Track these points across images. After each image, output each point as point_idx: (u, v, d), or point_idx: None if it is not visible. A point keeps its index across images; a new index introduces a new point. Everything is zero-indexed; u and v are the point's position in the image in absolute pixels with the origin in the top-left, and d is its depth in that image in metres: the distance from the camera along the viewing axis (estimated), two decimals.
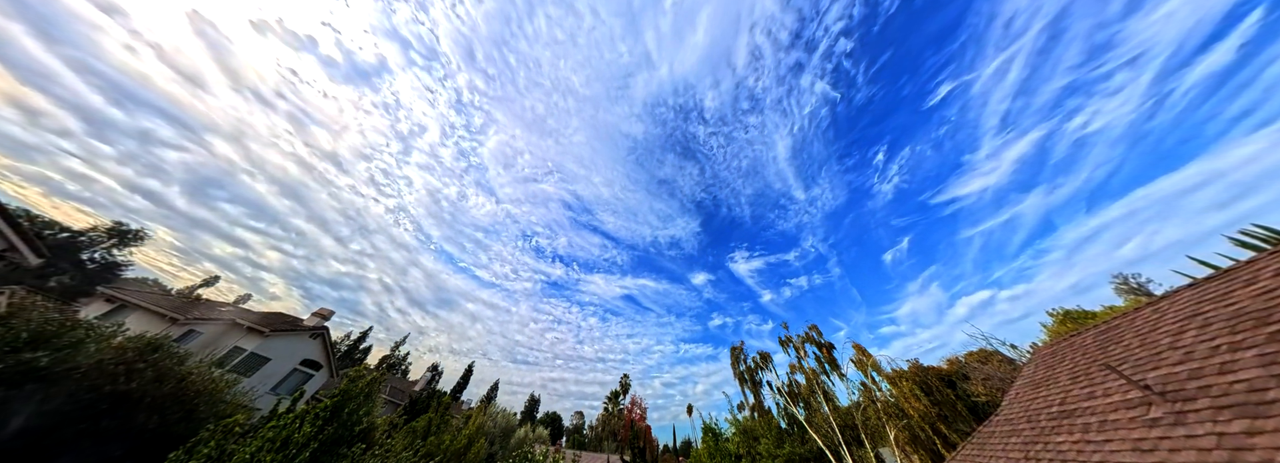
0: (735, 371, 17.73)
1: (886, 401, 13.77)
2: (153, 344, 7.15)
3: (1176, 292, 4.34)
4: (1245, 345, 2.86)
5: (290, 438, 4.50)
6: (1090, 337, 5.27)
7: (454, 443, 10.50)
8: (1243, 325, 3.04)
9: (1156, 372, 3.38)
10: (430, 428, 10.67)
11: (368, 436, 6.46)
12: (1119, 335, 4.55)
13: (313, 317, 16.84)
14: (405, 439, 9.28)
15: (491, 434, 19.83)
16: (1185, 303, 3.97)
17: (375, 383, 6.01)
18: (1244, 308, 3.17)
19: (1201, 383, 2.91)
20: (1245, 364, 2.73)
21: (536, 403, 49.54)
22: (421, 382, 25.38)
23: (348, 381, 5.74)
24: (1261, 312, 2.99)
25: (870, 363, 14.53)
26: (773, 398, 16.69)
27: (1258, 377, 2.58)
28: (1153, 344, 3.80)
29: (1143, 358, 3.74)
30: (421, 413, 13.14)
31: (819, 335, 16.02)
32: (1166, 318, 4.01)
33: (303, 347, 15.68)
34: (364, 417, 5.52)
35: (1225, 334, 3.12)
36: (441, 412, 11.00)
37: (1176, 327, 3.71)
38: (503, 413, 21.15)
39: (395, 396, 22.07)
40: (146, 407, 6.46)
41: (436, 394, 16.53)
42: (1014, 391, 5.77)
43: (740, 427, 16.43)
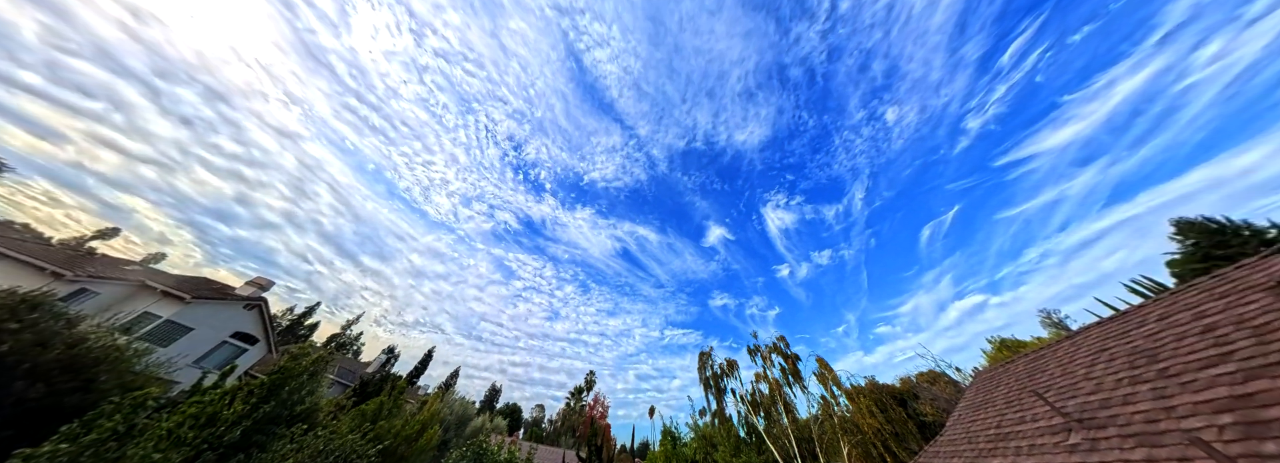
0: (701, 376, 18.11)
1: (843, 416, 14.42)
2: (29, 302, 6.19)
3: (1088, 328, 4.85)
4: (1141, 380, 3.21)
5: (218, 415, 4.22)
6: (1022, 364, 5.71)
7: (406, 429, 10.21)
8: (1139, 362, 3.43)
9: (1074, 400, 3.72)
10: (381, 412, 10.35)
11: (311, 416, 6.19)
12: (1044, 365, 4.97)
13: (248, 286, 15.68)
14: (353, 422, 8.97)
15: (447, 422, 19.49)
16: (1095, 339, 4.44)
17: (321, 362, 5.73)
18: (1139, 347, 3.60)
19: (1110, 413, 3.21)
20: (1142, 396, 3.06)
21: (497, 393, 49.10)
22: (375, 364, 24.60)
23: (289, 358, 5.44)
24: (1152, 350, 3.41)
25: (831, 378, 15.17)
26: (735, 406, 17.17)
27: (1152, 409, 2.90)
28: (1071, 374, 4.17)
29: (1064, 387, 4.10)
30: (373, 396, 12.70)
31: (786, 346, 16.57)
32: (1081, 351, 4.45)
33: (235, 318, 14.55)
34: (307, 397, 5.26)
35: (1126, 369, 3.50)
36: (395, 396, 10.68)
37: (1089, 359, 4.12)
38: (461, 401, 20.82)
39: (345, 376, 21.28)
40: (26, 374, 5.71)
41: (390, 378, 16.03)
42: (957, 412, 6.18)
43: (700, 432, 16.82)
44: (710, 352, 18.57)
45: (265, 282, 15.86)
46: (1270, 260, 3.33)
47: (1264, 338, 2.66)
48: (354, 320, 44.55)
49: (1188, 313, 3.55)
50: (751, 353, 17.23)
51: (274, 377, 4.95)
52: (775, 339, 17.00)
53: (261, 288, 15.66)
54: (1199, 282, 3.89)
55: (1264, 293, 3.00)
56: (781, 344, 16.80)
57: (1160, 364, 3.20)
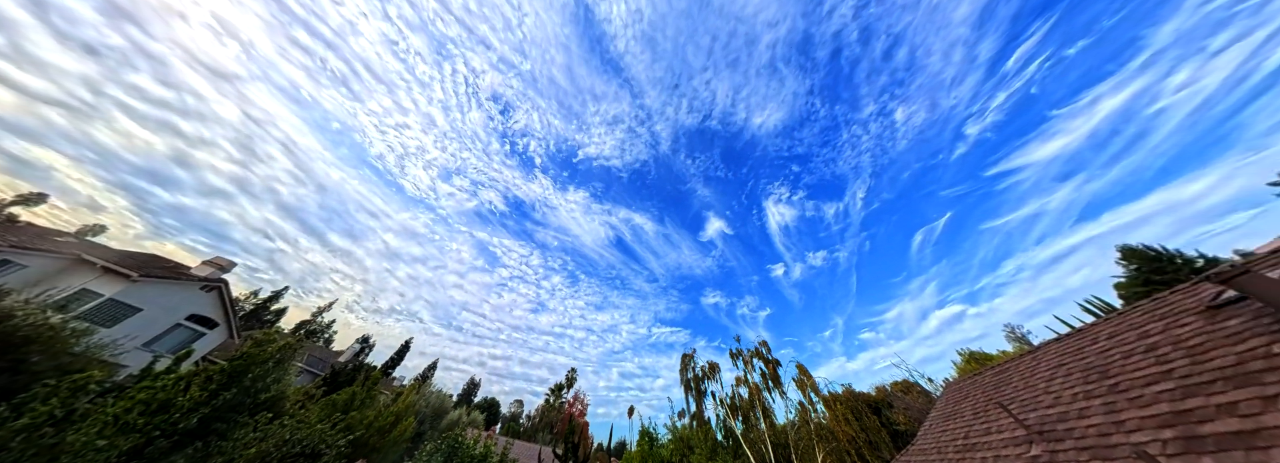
0: (683, 378, 18.22)
1: (819, 423, 14.70)
2: None
3: (1047, 343, 5.09)
4: (1094, 395, 3.40)
5: (172, 401, 4.03)
6: (988, 377, 5.92)
7: (380, 420, 9.98)
8: (1092, 377, 3.63)
9: (1035, 413, 3.89)
10: (353, 402, 10.09)
11: (277, 405, 5.97)
12: (1009, 378, 5.18)
13: (205, 266, 14.83)
14: (323, 411, 8.72)
15: (423, 414, 19.15)
16: (1053, 354, 4.67)
17: (289, 349, 5.54)
18: (1092, 363, 3.81)
19: (1067, 426, 3.37)
20: (1095, 411, 3.23)
21: (475, 387, 48.40)
22: (347, 353, 23.95)
23: (253, 343, 5.25)
24: (1103, 366, 3.62)
25: (810, 384, 15.45)
26: (714, 409, 17.32)
27: (1104, 422, 3.05)
28: (1033, 388, 4.37)
29: (1026, 400, 4.28)
30: (345, 386, 12.37)
31: (768, 351, 16.82)
32: (1041, 366, 4.66)
33: (191, 300, 13.81)
34: (273, 385, 5.08)
35: (1081, 383, 3.69)
36: (368, 386, 10.42)
37: (1049, 374, 4.33)
38: (438, 394, 20.48)
39: (315, 365, 20.65)
40: None
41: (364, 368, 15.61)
42: (928, 422, 6.38)
43: (677, 434, 16.90)
44: (693, 354, 18.71)
45: (225, 262, 15.04)
46: (1200, 287, 3.59)
47: (1197, 358, 2.85)
48: (325, 308, 42.99)
49: (1133, 333, 3.77)
50: (733, 357, 17.42)
51: (236, 363, 4.77)
52: (758, 344, 17.23)
53: (221, 269, 14.88)
54: (1142, 304, 4.14)
55: (1196, 316, 3.24)
56: (763, 349, 17.03)
57: (1110, 380, 3.39)
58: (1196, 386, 2.66)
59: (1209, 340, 2.91)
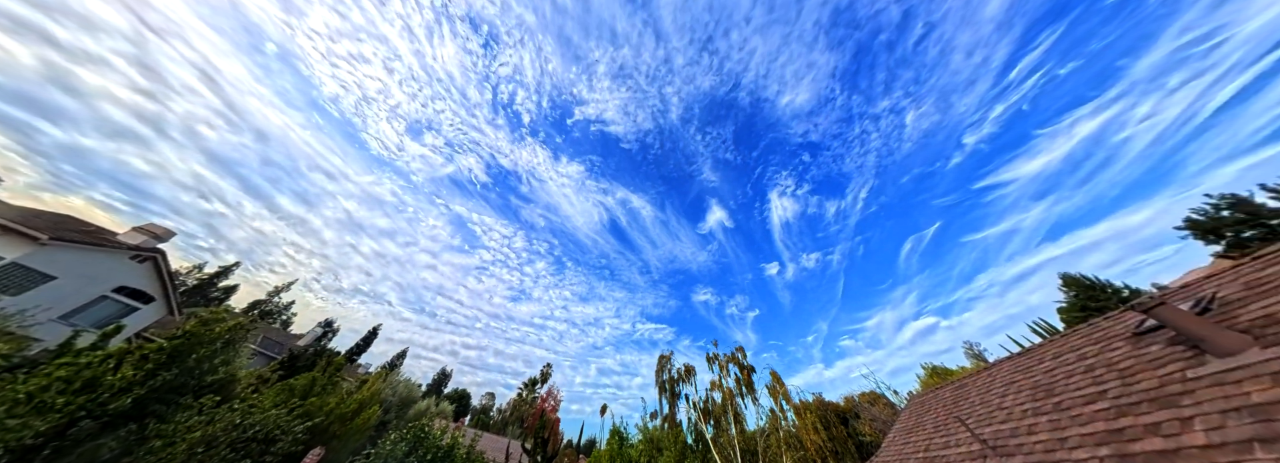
0: (658, 379, 18.36)
1: (788, 431, 15.07)
2: None
3: (1001, 361, 5.38)
4: (1041, 412, 3.59)
5: (99, 380, 3.73)
6: (949, 391, 6.17)
7: (341, 407, 9.63)
8: (1039, 395, 3.85)
9: (990, 427, 4.07)
10: (313, 388, 9.68)
11: (226, 388, 5.65)
12: (967, 393, 5.42)
13: (136, 233, 13.31)
14: (278, 396, 8.33)
15: (389, 403, 18.60)
16: (1006, 372, 4.92)
17: (240, 330, 5.23)
18: (1039, 382, 4.05)
19: (1018, 441, 3.54)
20: (1042, 427, 3.41)
21: (446, 377, 47.40)
22: (308, 337, 22.97)
23: (198, 322, 4.94)
24: (1049, 385, 3.85)
25: (782, 391, 15.82)
26: (687, 412, 17.51)
27: (1050, 439, 3.22)
28: (988, 404, 4.58)
29: (982, 415, 4.48)
30: (304, 371, 11.83)
31: (743, 357, 17.14)
32: (996, 382, 4.91)
33: (119, 270, 12.44)
34: (221, 366, 4.79)
35: (1030, 400, 3.90)
36: (330, 372, 10.02)
37: (1002, 390, 4.56)
38: (406, 383, 19.93)
39: (271, 348, 19.73)
40: None
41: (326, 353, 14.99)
42: (892, 433, 6.59)
43: (647, 435, 17.02)
44: (670, 355, 18.89)
45: (160, 230, 13.66)
46: (1127, 314, 3.90)
47: (1127, 380, 3.05)
48: (283, 288, 40.46)
49: (1073, 354, 4.02)
50: (710, 361, 17.65)
51: (177, 342, 4.47)
52: (735, 349, 17.53)
53: (156, 237, 13.49)
54: (1080, 328, 4.43)
55: (1124, 342, 3.49)
56: (740, 355, 17.34)
57: (1055, 398, 3.60)
58: (1127, 406, 2.85)
59: (1136, 364, 3.13)
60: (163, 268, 13.68)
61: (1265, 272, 3.03)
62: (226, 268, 34.41)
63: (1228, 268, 3.41)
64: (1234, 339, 2.52)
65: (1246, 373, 2.33)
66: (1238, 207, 10.05)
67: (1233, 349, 2.49)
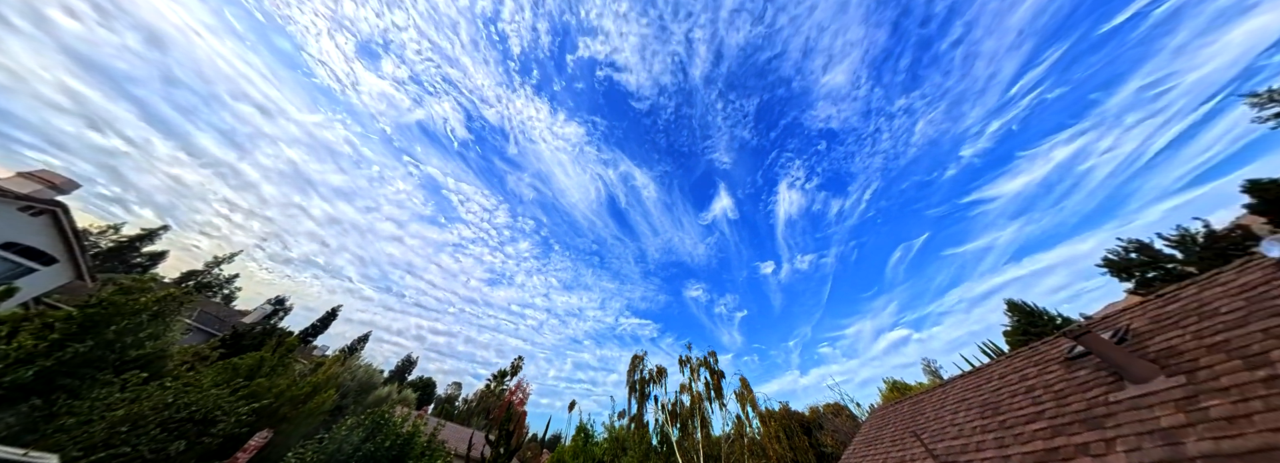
0: (629, 379, 18.45)
1: (753, 438, 15.43)
2: None
3: (954, 379, 5.65)
4: (988, 429, 3.78)
5: None
6: (907, 405, 6.39)
7: (293, 390, 9.24)
8: (987, 413, 4.05)
9: (943, 443, 4.23)
10: (261, 368, 9.24)
11: (154, 364, 5.28)
12: (923, 408, 5.63)
13: (24, 180, 11.14)
14: (220, 375, 7.90)
15: (346, 387, 18.02)
16: (959, 389, 5.15)
17: (171, 302, 4.86)
18: (987, 400, 4.28)
19: (967, 457, 3.68)
20: (989, 445, 3.58)
21: (411, 364, 46.43)
22: (256, 314, 21.84)
23: (118, 291, 4.54)
24: (995, 404, 4.08)
25: (749, 399, 16.16)
26: (655, 414, 17.69)
27: (995, 456, 3.38)
28: (941, 419, 4.78)
29: (936, 430, 4.66)
30: (251, 350, 11.24)
31: (715, 362, 17.43)
32: (949, 399, 5.13)
33: (3, 222, 10.53)
34: (148, 341, 4.44)
35: (979, 418, 4.10)
36: (280, 353, 9.58)
37: (955, 407, 4.78)
38: (366, 368, 19.35)
39: (210, 324, 18.69)
40: None
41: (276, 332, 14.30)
42: (852, 446, 6.77)
43: (613, 434, 17.13)
44: (644, 355, 19.01)
45: (60, 179, 11.66)
46: (1060, 340, 4.19)
47: (1061, 401, 3.26)
48: (224, 259, 36.35)
49: (1016, 375, 4.27)
50: (682, 364, 17.85)
51: (91, 311, 4.10)
52: (707, 354, 17.79)
53: (53, 187, 11.52)
54: (1022, 351, 4.72)
55: (1059, 365, 3.75)
56: (712, 359, 17.61)
57: (1001, 416, 3.80)
58: (1061, 426, 3.03)
59: (1068, 387, 3.35)
60: (65, 224, 11.80)
61: (1166, 308, 3.41)
62: (151, 232, 28.90)
63: (1138, 303, 3.75)
64: (1145, 368, 2.76)
65: (1156, 399, 2.56)
66: (1141, 251, 11.55)
67: (1144, 377, 2.72)
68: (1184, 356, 2.76)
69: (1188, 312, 3.16)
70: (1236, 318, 2.74)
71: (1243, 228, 10.53)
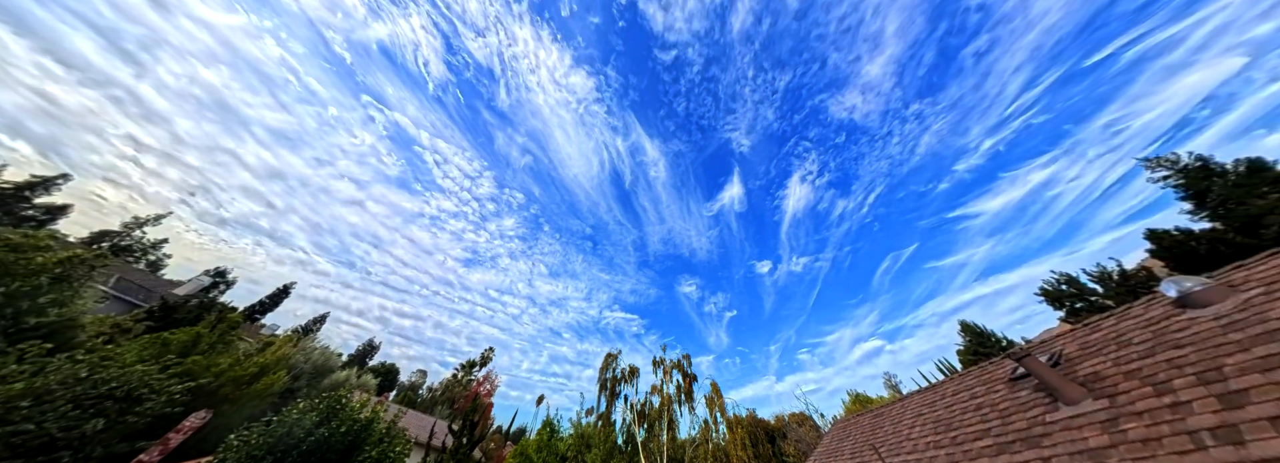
0: (601, 377, 18.50)
1: (718, 443, 15.76)
2: None
3: (911, 395, 5.94)
4: (941, 445, 3.98)
5: None
6: (867, 418, 6.67)
7: (237, 370, 8.79)
8: (940, 429, 4.28)
9: (898, 458, 4.42)
10: (197, 345, 8.74)
11: (62, 334, 4.88)
12: (882, 422, 5.89)
13: None
14: (146, 350, 7.43)
15: (299, 369, 17.37)
16: (915, 405, 5.43)
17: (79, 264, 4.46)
18: (941, 416, 4.53)
19: None
20: (941, 460, 3.78)
21: (373, 349, 45.32)
22: (191, 285, 20.58)
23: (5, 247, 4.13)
24: (948, 419, 4.32)
25: (719, 404, 16.48)
26: (623, 413, 17.83)
27: None
28: (898, 434, 5.01)
29: (893, 444, 4.87)
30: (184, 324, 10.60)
31: (688, 365, 17.66)
32: (907, 414, 5.39)
33: None
34: (50, 308, 4.06)
35: (932, 433, 4.30)
36: (221, 329, 9.10)
37: (911, 422, 5.02)
38: (322, 350, 18.67)
39: (133, 293, 17.47)
40: None
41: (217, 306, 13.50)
42: (814, 456, 6.99)
43: (579, 430, 17.20)
44: (618, 354, 19.08)
45: None
46: (1005, 361, 4.52)
47: (1006, 420, 3.47)
48: (148, 220, 30.83)
49: (966, 393, 4.54)
50: (655, 365, 18.01)
51: None
52: (681, 357, 18.01)
53: None
54: (972, 370, 5.05)
55: (1004, 385, 4.02)
56: (685, 362, 17.83)
57: (952, 432, 4.00)
58: (1006, 444, 3.22)
59: (1011, 406, 3.59)
60: None
61: (1092, 336, 3.74)
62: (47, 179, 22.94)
63: (1069, 331, 4.13)
64: (1076, 390, 3.00)
65: (1084, 420, 2.77)
66: (1070, 283, 13.15)
67: (1075, 399, 2.95)
68: (1106, 381, 2.99)
69: (1108, 340, 3.47)
70: (1146, 348, 3.01)
71: (1146, 269, 12.29)
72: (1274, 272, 2.90)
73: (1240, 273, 3.15)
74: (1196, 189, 11.15)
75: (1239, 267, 3.24)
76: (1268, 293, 2.71)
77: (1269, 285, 2.77)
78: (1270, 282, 2.81)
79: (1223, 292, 2.94)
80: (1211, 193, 10.78)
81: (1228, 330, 2.62)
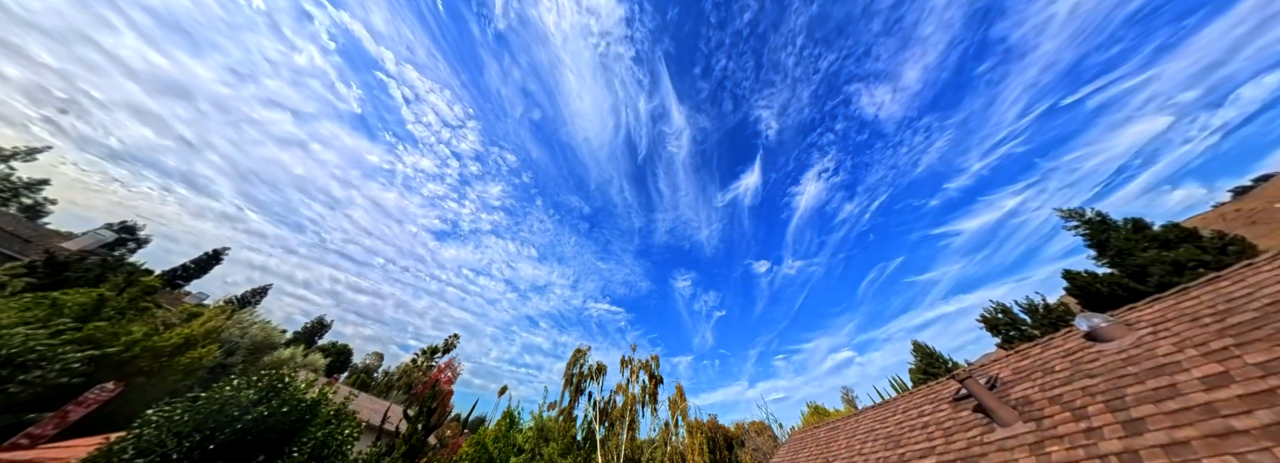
0: (567, 371, 18.48)
1: (676, 447, 16.07)
2: None
3: (865, 410, 6.33)
4: (891, 461, 4.20)
5: None
6: (824, 431, 6.99)
7: (156, 340, 8.18)
8: (890, 445, 4.55)
9: None
10: (102, 310, 8.02)
11: None
12: (837, 435, 6.20)
13: None
14: (31, 312, 6.72)
15: (235, 344, 16.42)
16: (869, 420, 5.77)
17: None
18: (891, 432, 4.84)
19: None
20: None
21: (324, 327, 43.60)
22: (87, 240, 18.46)
23: None
24: (897, 436, 4.61)
25: (682, 408, 16.77)
26: (586, 409, 17.92)
27: None
28: (851, 448, 5.26)
29: (846, 458, 5.11)
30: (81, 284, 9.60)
31: (656, 366, 17.87)
32: (860, 428, 5.70)
33: None
34: None
35: (883, 449, 4.55)
36: (133, 294, 8.39)
37: (864, 436, 5.32)
38: (263, 325, 17.70)
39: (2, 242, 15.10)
40: None
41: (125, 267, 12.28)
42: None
43: (539, 423, 17.18)
44: (587, 350, 19.11)
45: None
46: (949, 382, 4.90)
47: (949, 438, 3.72)
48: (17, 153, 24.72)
49: (916, 410, 4.86)
50: (623, 364, 18.13)
51: None
52: (649, 358, 18.20)
53: None
54: (922, 388, 5.44)
55: (948, 405, 4.34)
56: (653, 364, 18.05)
57: (901, 449, 4.22)
58: (949, 462, 3.41)
59: (954, 425, 3.85)
60: None
61: (1022, 363, 4.09)
62: None
63: (1004, 356, 4.54)
64: (1009, 413, 3.28)
65: (1016, 442, 3.01)
66: (1005, 313, 15.08)
67: (1008, 421, 3.22)
68: (1034, 405, 3.27)
69: (1035, 367, 3.84)
70: (1065, 377, 3.34)
71: (1064, 304, 14.22)
72: (1157, 314, 3.37)
73: (1134, 314, 3.63)
74: (1098, 240, 13.25)
75: (1132, 308, 3.74)
76: (1154, 332, 3.13)
77: (1155, 326, 3.22)
78: (1156, 322, 3.26)
79: (1122, 329, 3.37)
80: (1110, 244, 12.83)
81: (1127, 364, 2.97)
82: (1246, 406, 2.08)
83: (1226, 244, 10.85)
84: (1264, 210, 41.98)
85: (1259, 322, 2.60)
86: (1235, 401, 2.15)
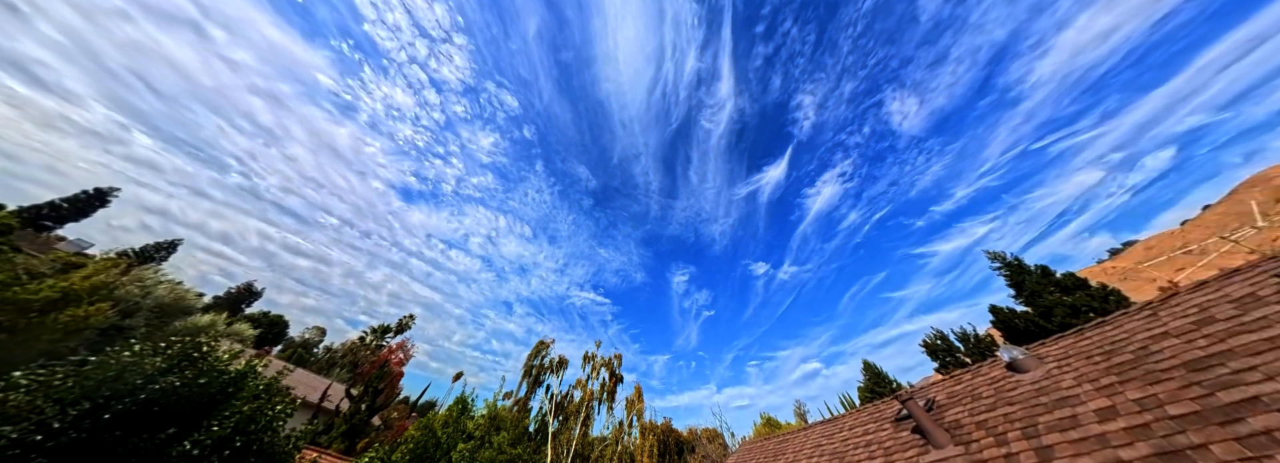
0: (527, 362, 18.46)
1: (627, 447, 16.58)
2: None
3: (814, 425, 6.69)
4: None
5: None
6: (773, 443, 7.33)
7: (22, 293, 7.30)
8: (835, 461, 4.87)
9: None
10: None
11: None
12: (786, 447, 6.54)
13: None
14: None
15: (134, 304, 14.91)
16: (817, 435, 6.13)
17: None
18: (836, 449, 5.18)
19: None
20: None
21: (252, 294, 40.54)
22: None
23: None
24: (842, 453, 4.95)
25: (638, 408, 17.28)
26: (542, 402, 18.02)
27: None
28: (797, 461, 5.59)
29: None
30: None
31: (618, 365, 18.26)
32: (808, 443, 6.05)
33: None
34: None
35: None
36: None
37: (811, 451, 5.66)
38: (171, 285, 16.15)
39: None
40: None
41: None
42: None
43: (492, 411, 17.10)
44: (551, 343, 19.14)
45: None
46: (892, 402, 5.32)
47: (890, 457, 4.04)
48: None
49: (860, 428, 5.22)
50: (585, 360, 18.35)
51: None
52: (612, 356, 18.57)
53: None
54: (867, 407, 5.87)
55: (891, 424, 4.72)
56: (615, 362, 18.42)
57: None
58: None
59: (895, 445, 4.17)
60: None
61: (956, 387, 4.48)
62: None
63: (940, 380, 4.94)
64: (943, 435, 3.61)
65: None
66: (942, 340, 16.98)
67: (942, 443, 3.55)
68: (964, 428, 3.62)
69: (965, 392, 4.24)
70: (990, 403, 3.72)
71: (990, 335, 16.38)
72: (1062, 350, 3.89)
73: (1044, 348, 4.14)
74: (1016, 280, 15.28)
75: (1043, 343, 4.25)
76: (1059, 367, 3.61)
77: (1060, 361, 3.70)
78: (1061, 358, 3.75)
79: (1035, 362, 3.85)
80: (1025, 285, 14.83)
81: (1039, 394, 3.37)
82: (1130, 438, 2.43)
83: (1108, 294, 12.88)
84: (1131, 270, 53.94)
85: (1135, 362, 3.04)
86: (1122, 432, 2.50)
